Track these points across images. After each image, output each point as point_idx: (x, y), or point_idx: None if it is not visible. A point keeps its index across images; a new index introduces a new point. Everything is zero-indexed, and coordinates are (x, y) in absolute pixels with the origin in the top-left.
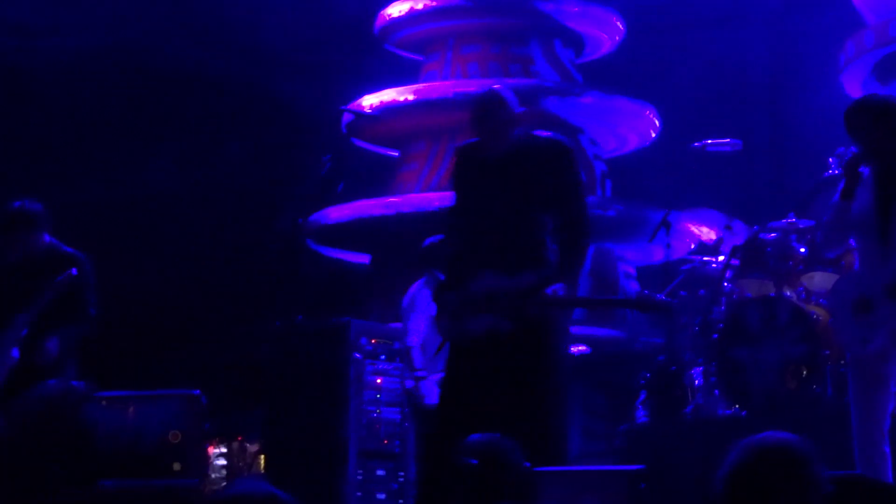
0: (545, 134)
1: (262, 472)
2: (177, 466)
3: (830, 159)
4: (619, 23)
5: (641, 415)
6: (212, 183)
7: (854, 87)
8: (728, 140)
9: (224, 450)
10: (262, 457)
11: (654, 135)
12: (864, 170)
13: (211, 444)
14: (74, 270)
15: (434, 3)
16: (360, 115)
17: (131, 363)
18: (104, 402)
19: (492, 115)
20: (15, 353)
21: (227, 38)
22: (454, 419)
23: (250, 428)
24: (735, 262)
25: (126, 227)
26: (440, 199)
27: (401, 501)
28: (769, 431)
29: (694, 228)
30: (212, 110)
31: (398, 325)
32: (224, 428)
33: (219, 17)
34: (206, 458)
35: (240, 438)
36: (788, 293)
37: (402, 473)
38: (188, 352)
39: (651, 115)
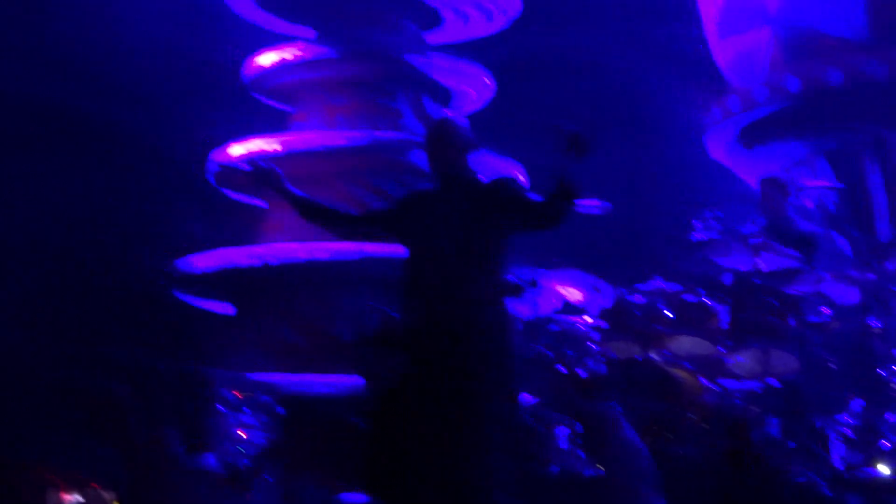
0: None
1: None
2: None
3: (695, 222)
4: (487, 79)
5: None
6: (74, 221)
7: (719, 150)
8: (597, 202)
9: (81, 498)
10: None
11: None
12: None
13: (64, 491)
14: None
15: (303, 54)
16: (232, 168)
17: None
18: None
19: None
20: None
21: (91, 73)
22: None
23: (103, 472)
24: (602, 323)
25: None
26: (306, 249)
27: None
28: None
29: (561, 288)
30: (75, 148)
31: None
32: (76, 470)
33: (81, 52)
34: None
35: (94, 485)
36: (654, 356)
37: None
38: (45, 387)
39: (518, 174)
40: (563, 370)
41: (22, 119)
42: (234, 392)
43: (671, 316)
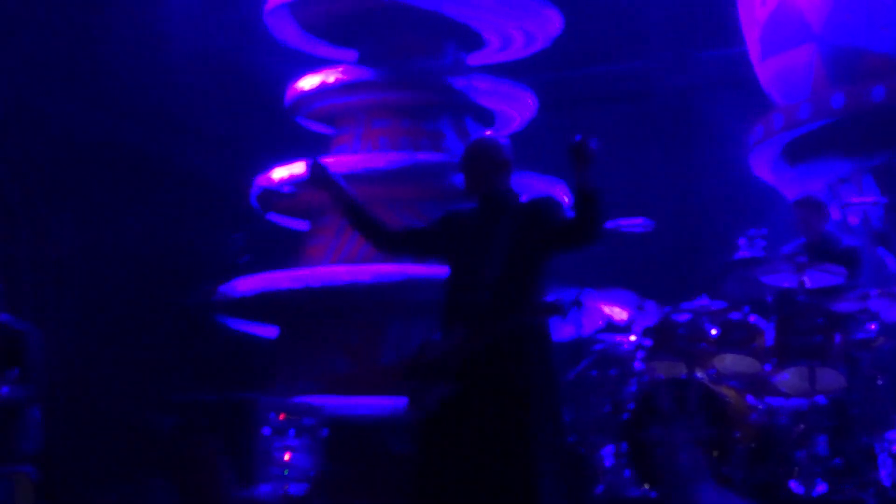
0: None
1: None
2: None
3: (740, 240)
4: (530, 100)
5: None
6: (118, 251)
7: (763, 168)
8: (640, 220)
9: None
10: None
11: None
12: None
13: None
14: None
15: (345, 78)
16: (275, 192)
17: None
18: None
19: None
20: None
21: (133, 104)
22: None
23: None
24: (647, 342)
25: (28, 295)
26: (349, 272)
27: None
28: None
29: (605, 308)
30: (117, 177)
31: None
32: (122, 500)
33: (124, 83)
34: None
35: None
36: (699, 374)
37: None
38: (87, 420)
39: (562, 194)
40: (612, 390)
41: (73, 154)
42: (280, 415)
43: (716, 334)
